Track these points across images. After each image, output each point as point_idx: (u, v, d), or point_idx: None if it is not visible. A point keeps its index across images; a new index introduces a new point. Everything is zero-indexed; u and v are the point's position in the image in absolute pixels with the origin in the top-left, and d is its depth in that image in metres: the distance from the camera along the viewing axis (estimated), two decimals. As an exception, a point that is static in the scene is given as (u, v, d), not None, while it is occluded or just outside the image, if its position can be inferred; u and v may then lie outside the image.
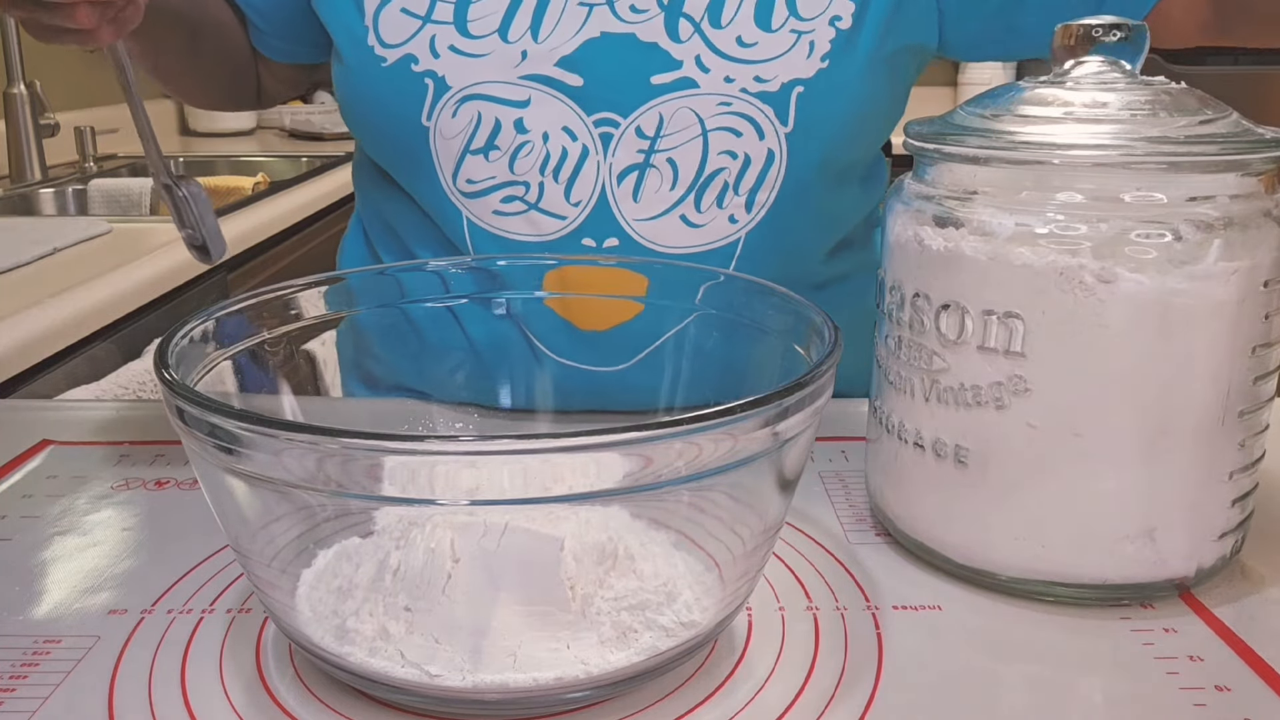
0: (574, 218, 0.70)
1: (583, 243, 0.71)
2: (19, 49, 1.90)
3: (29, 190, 1.89)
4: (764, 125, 0.69)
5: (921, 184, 0.49)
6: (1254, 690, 0.42)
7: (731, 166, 0.69)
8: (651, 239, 0.70)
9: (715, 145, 0.69)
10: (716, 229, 0.70)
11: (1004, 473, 0.46)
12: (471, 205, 0.71)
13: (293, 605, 0.42)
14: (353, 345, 0.73)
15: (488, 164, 0.70)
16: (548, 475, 0.35)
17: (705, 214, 0.70)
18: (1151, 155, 0.43)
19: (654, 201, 0.70)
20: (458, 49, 0.69)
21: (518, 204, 0.71)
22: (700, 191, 0.70)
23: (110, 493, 0.59)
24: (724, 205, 0.70)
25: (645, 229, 0.70)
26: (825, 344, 0.43)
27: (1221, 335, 0.44)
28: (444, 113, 0.70)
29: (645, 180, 0.70)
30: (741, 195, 0.70)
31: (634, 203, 0.70)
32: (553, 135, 0.69)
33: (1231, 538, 0.48)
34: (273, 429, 0.35)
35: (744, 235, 0.71)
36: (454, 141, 0.70)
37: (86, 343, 1.16)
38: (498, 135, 0.70)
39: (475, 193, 0.71)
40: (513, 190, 0.70)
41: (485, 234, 0.72)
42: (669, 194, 0.70)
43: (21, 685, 0.42)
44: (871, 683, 0.42)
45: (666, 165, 0.69)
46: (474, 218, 0.72)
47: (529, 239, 0.71)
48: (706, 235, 0.70)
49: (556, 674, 0.39)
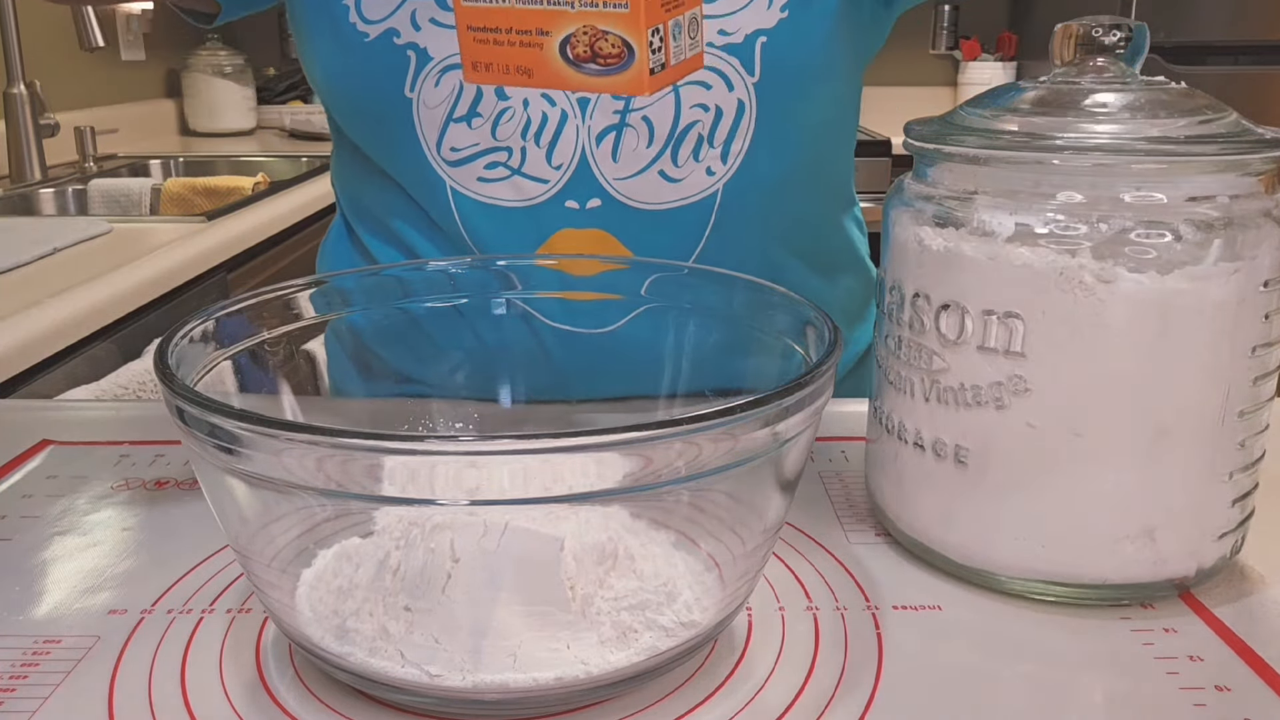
0: (556, 180, 0.72)
1: (566, 205, 0.72)
2: (19, 49, 1.90)
3: (29, 190, 1.89)
4: (732, 77, 0.71)
5: (921, 184, 0.49)
6: (1254, 690, 0.42)
7: (704, 119, 0.71)
8: (632, 197, 0.72)
9: (687, 99, 0.71)
10: (694, 183, 0.72)
11: (1004, 473, 0.46)
12: (455, 173, 0.73)
13: (293, 605, 0.42)
14: (349, 342, 0.74)
15: (470, 131, 0.72)
16: (548, 475, 0.35)
17: (683, 168, 0.72)
18: (1151, 155, 0.43)
19: (632, 160, 0.72)
20: (438, 21, 0.71)
21: (501, 169, 0.72)
22: (676, 146, 0.72)
23: (110, 493, 0.59)
24: (700, 158, 0.72)
25: (625, 187, 0.72)
26: (825, 344, 0.43)
27: (1221, 335, 0.44)
28: (426, 83, 0.71)
29: (623, 139, 0.72)
30: (716, 147, 0.72)
31: (613, 162, 0.72)
32: (532, 101, 0.71)
33: (1231, 538, 0.48)
34: (273, 429, 0.35)
35: (721, 186, 0.73)
36: (437, 111, 0.72)
37: (86, 343, 1.16)
38: (479, 103, 0.71)
39: (459, 160, 0.73)
40: (495, 156, 0.72)
41: (470, 201, 0.73)
42: (646, 151, 0.72)
43: (21, 685, 0.42)
44: (871, 683, 0.42)
45: (642, 123, 0.71)
46: (458, 185, 0.73)
47: (513, 204, 0.73)
48: (685, 189, 0.72)
49: (556, 674, 0.39)
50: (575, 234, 0.73)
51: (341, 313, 0.55)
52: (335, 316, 0.54)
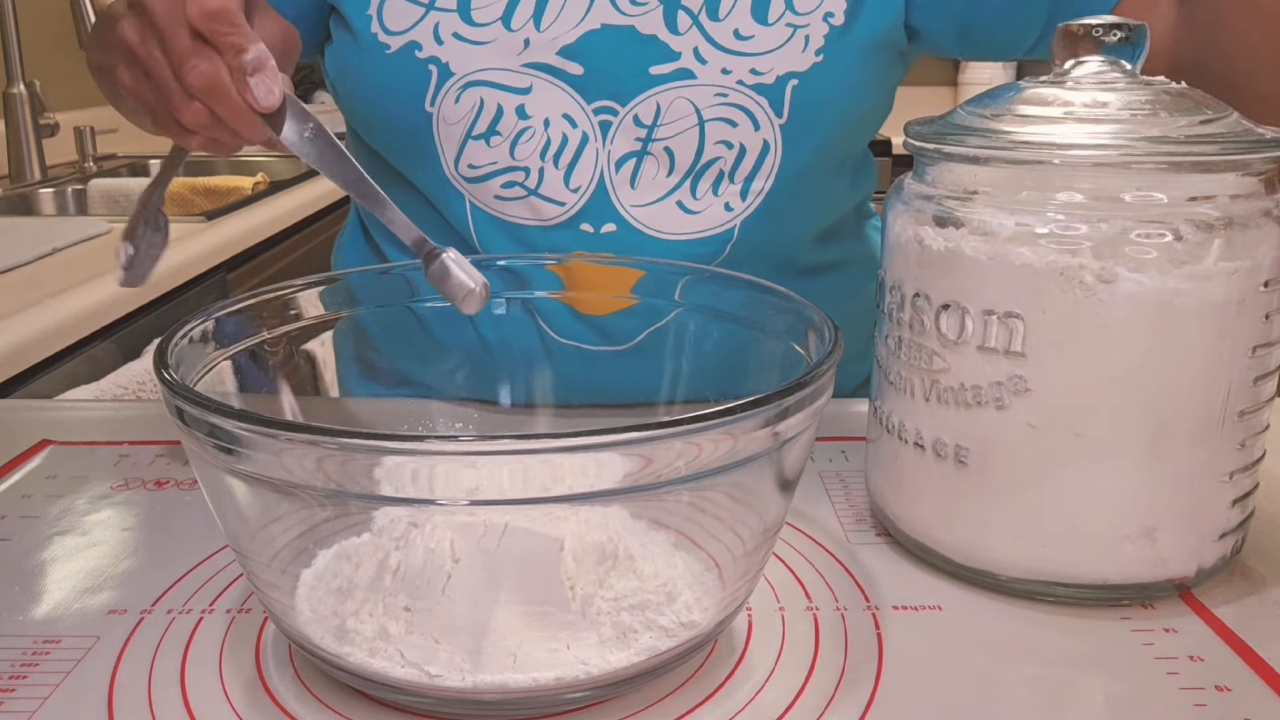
0: (573, 204, 0.72)
1: (581, 228, 0.72)
2: (19, 49, 1.90)
3: (29, 190, 1.89)
4: (759, 116, 0.70)
5: (921, 184, 0.49)
6: (1254, 690, 0.42)
7: (727, 156, 0.71)
8: (648, 225, 0.72)
9: (711, 135, 0.70)
10: (712, 216, 0.72)
11: (1004, 473, 0.46)
12: (473, 190, 0.73)
13: (292, 605, 0.42)
14: (353, 342, 0.74)
15: (489, 149, 0.71)
16: (548, 475, 0.35)
17: (701, 201, 0.71)
18: (1151, 155, 0.43)
19: (651, 188, 0.71)
20: (461, 36, 0.70)
21: (518, 189, 0.72)
22: (696, 179, 0.71)
23: (110, 493, 0.59)
24: (720, 193, 0.71)
25: (642, 215, 0.72)
26: (825, 344, 0.43)
27: (1221, 335, 0.44)
28: (447, 99, 0.71)
29: (643, 167, 0.71)
30: (737, 184, 0.71)
31: (631, 189, 0.71)
32: (553, 122, 0.71)
33: (1232, 538, 0.48)
34: (273, 429, 0.35)
35: (739, 223, 0.72)
36: (456, 127, 0.71)
37: (86, 343, 1.16)
38: (499, 121, 0.71)
39: (476, 178, 0.72)
40: (513, 176, 0.72)
41: (488, 218, 0.73)
42: (665, 181, 0.71)
43: (21, 685, 0.42)
44: (871, 683, 0.42)
45: (663, 153, 0.71)
46: (476, 201, 0.73)
47: (529, 223, 0.73)
48: (702, 222, 0.72)
49: (556, 674, 0.39)
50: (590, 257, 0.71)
51: (346, 311, 0.55)
52: (342, 315, 0.54)
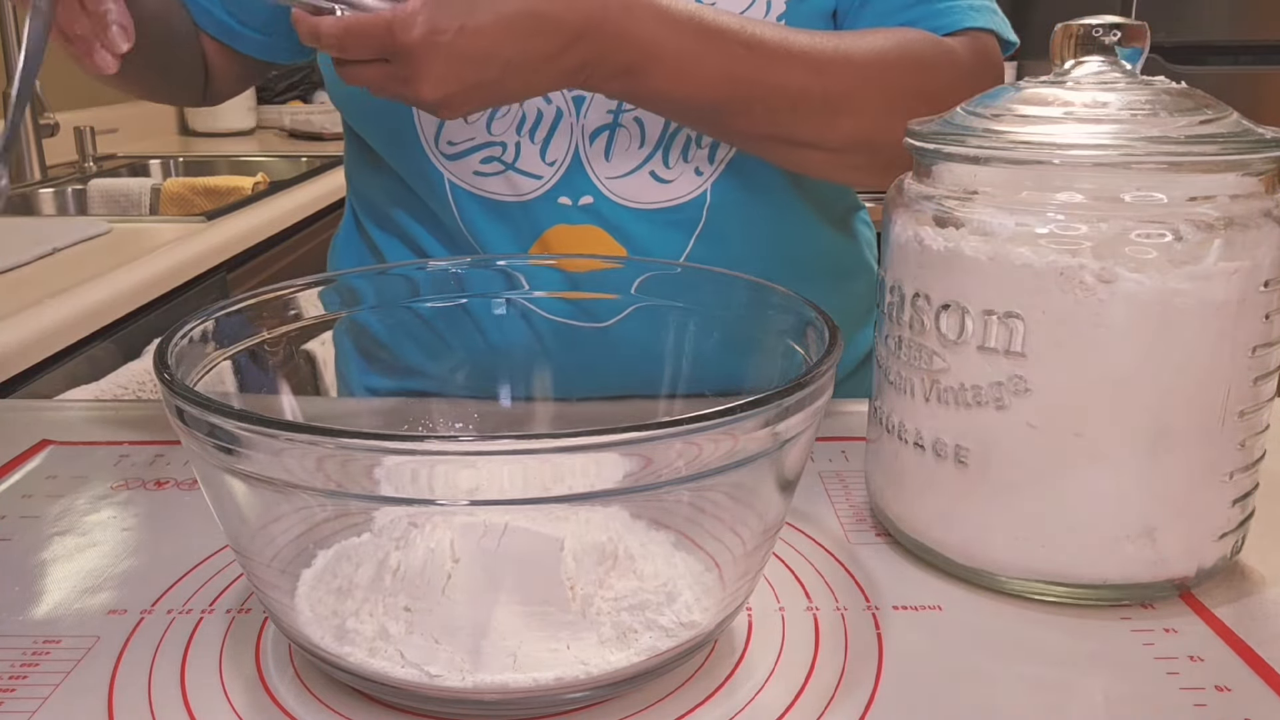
0: (549, 176, 0.74)
1: (559, 201, 0.74)
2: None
3: (29, 190, 1.89)
4: None
5: (921, 184, 0.49)
6: (1254, 690, 0.42)
7: None
8: (624, 196, 0.74)
9: None
10: (684, 183, 0.74)
11: (1004, 473, 0.46)
12: (452, 167, 0.75)
13: (292, 605, 0.42)
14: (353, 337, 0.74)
15: (467, 125, 0.74)
16: (548, 475, 0.35)
17: (673, 169, 0.73)
18: (1151, 155, 0.43)
19: (624, 159, 0.73)
20: None
21: (496, 164, 0.74)
22: (667, 149, 0.73)
23: (110, 493, 0.59)
24: (689, 159, 0.73)
25: (617, 186, 0.73)
26: (825, 344, 0.43)
27: (1221, 335, 0.44)
28: None
29: (616, 140, 0.73)
30: (704, 148, 0.73)
31: (606, 161, 0.73)
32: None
33: (1232, 538, 0.48)
34: (273, 429, 0.35)
35: (710, 186, 0.74)
36: None
37: (86, 343, 1.16)
38: None
39: (456, 154, 0.75)
40: (491, 151, 0.74)
41: (467, 194, 0.75)
42: (639, 152, 0.73)
43: (21, 685, 0.42)
44: (871, 683, 0.42)
45: (634, 124, 0.73)
46: (455, 179, 0.75)
47: (508, 198, 0.74)
48: (675, 190, 0.74)
49: (556, 674, 0.39)
50: (569, 230, 0.74)
51: (344, 312, 0.55)
52: (341, 315, 0.54)
